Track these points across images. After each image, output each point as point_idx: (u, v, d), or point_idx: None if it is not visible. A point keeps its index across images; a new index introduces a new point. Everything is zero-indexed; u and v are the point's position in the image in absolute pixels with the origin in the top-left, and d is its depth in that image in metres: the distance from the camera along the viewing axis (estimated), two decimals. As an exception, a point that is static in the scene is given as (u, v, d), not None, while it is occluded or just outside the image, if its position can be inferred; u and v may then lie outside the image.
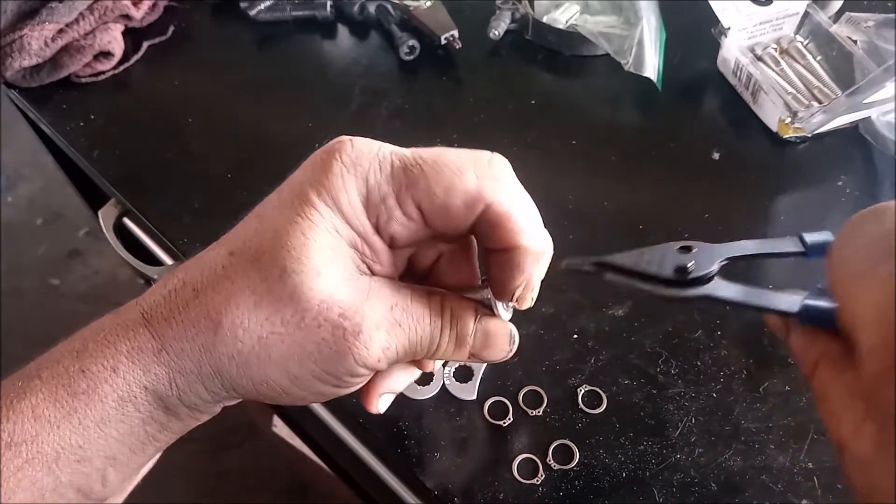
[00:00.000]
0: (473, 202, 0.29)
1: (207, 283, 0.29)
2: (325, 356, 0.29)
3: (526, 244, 0.30)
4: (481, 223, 0.30)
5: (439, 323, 0.32)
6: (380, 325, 0.29)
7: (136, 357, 0.29)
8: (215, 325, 0.28)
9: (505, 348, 0.34)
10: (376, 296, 0.30)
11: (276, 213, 0.30)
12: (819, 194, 0.60)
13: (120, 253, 0.65)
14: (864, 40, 0.63)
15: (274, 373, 0.29)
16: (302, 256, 0.28)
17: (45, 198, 1.84)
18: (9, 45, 0.65)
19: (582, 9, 0.73)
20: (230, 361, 0.29)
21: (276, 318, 0.28)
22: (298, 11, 0.75)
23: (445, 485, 0.44)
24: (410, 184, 0.29)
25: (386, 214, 0.29)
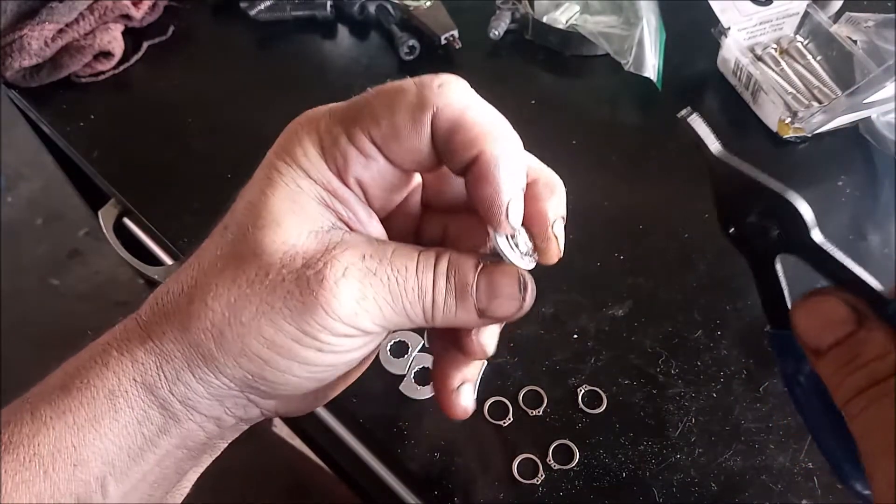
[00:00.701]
0: (419, 112, 0.27)
1: (186, 266, 0.30)
2: (293, 311, 0.27)
3: (490, 146, 0.27)
4: (439, 139, 0.28)
5: (430, 275, 0.29)
6: (349, 273, 0.27)
7: (125, 348, 0.29)
8: (189, 298, 0.28)
9: (515, 295, 0.30)
10: (347, 245, 0.28)
11: (246, 189, 0.30)
12: (819, 194, 0.60)
13: (120, 253, 0.65)
14: (864, 40, 0.63)
15: (249, 340, 0.28)
16: (262, 212, 0.28)
17: (45, 198, 1.84)
18: (9, 45, 0.65)
19: (582, 9, 0.73)
20: (206, 335, 0.28)
21: (242, 279, 0.28)
22: (298, 11, 0.75)
23: (445, 485, 0.44)
24: (356, 117, 0.28)
25: (342, 157, 0.28)
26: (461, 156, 0.28)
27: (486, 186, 0.28)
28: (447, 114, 0.27)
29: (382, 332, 0.30)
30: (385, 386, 0.49)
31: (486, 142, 0.27)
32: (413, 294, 0.29)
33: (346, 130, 0.28)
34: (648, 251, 0.56)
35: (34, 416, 0.28)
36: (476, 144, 0.27)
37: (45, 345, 1.63)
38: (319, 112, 0.30)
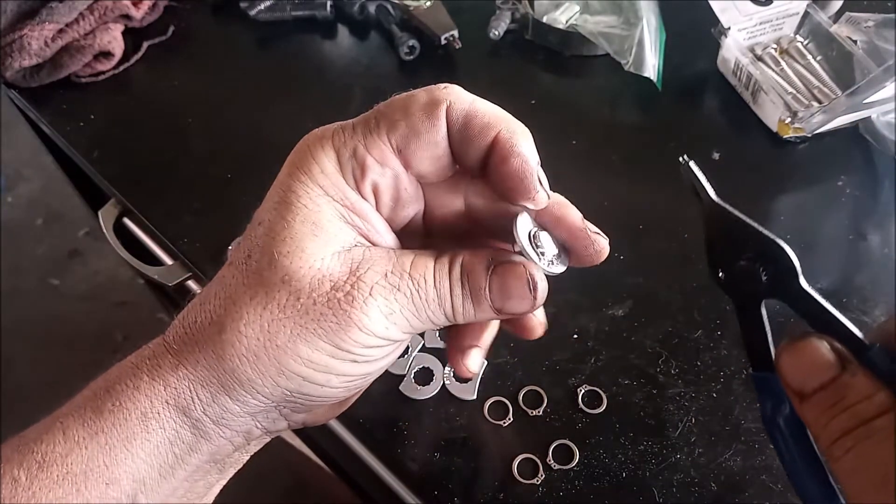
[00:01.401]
0: (433, 108, 0.29)
1: (211, 293, 0.30)
2: (329, 330, 0.28)
3: (505, 125, 0.29)
4: (455, 131, 0.30)
5: (447, 283, 0.30)
6: (375, 291, 0.29)
7: (156, 374, 0.29)
8: (220, 328, 0.29)
9: (525, 295, 0.31)
10: (369, 264, 0.29)
11: (263, 211, 0.31)
12: (819, 194, 0.60)
13: (120, 253, 0.65)
14: (864, 40, 0.63)
15: (287, 360, 0.29)
16: (286, 238, 0.29)
17: (45, 198, 1.84)
18: (9, 45, 0.65)
19: (582, 9, 0.73)
20: (242, 360, 0.29)
21: (273, 305, 0.29)
22: (298, 11, 0.75)
23: (445, 485, 0.44)
24: (372, 126, 0.30)
25: (359, 166, 0.29)
26: (479, 141, 0.30)
27: (512, 160, 0.29)
28: (458, 106, 0.29)
29: (408, 339, 0.32)
30: (385, 386, 0.49)
31: (500, 123, 0.30)
32: (434, 304, 0.30)
33: (363, 140, 0.30)
34: (648, 251, 0.56)
35: (66, 435, 0.29)
36: (492, 126, 0.29)
37: (45, 345, 1.63)
38: (331, 127, 0.31)
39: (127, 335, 1.59)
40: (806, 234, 0.57)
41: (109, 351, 1.56)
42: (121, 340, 1.58)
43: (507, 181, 0.30)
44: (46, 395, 1.50)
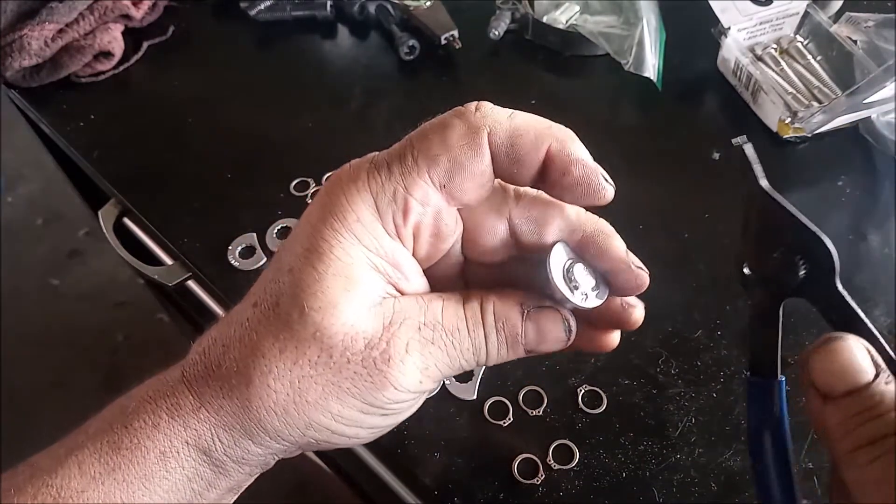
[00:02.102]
0: (475, 136, 0.28)
1: (235, 337, 0.29)
2: (362, 389, 0.28)
3: (554, 135, 0.28)
4: (502, 155, 0.28)
5: (481, 331, 0.30)
6: (410, 347, 0.28)
7: (176, 413, 0.29)
8: (247, 380, 0.28)
9: (561, 338, 0.31)
10: (402, 318, 0.29)
11: (290, 255, 0.29)
12: (819, 194, 0.60)
13: (120, 253, 0.65)
14: (864, 40, 0.63)
15: (316, 415, 0.28)
16: (317, 292, 0.28)
17: (45, 198, 1.84)
18: (9, 45, 0.65)
19: (582, 9, 0.73)
20: (269, 413, 0.28)
21: (304, 361, 0.28)
22: (298, 11, 0.75)
23: (445, 485, 0.44)
24: (410, 165, 0.28)
25: (401, 212, 0.28)
26: (531, 158, 0.28)
27: (573, 170, 0.29)
28: (500, 129, 0.28)
29: (438, 385, 0.33)
30: (385, 386, 0.49)
31: (547, 136, 0.28)
32: (469, 353, 0.30)
33: (402, 181, 0.28)
34: (648, 251, 0.56)
35: (82, 469, 0.28)
36: (540, 142, 0.28)
37: (45, 345, 1.63)
38: (364, 166, 0.29)
39: (127, 335, 1.59)
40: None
41: (109, 351, 1.56)
42: (121, 340, 1.58)
43: (573, 191, 0.29)
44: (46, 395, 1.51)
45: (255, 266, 0.55)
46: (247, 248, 0.57)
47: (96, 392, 1.50)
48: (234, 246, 0.56)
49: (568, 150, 0.29)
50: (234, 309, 0.31)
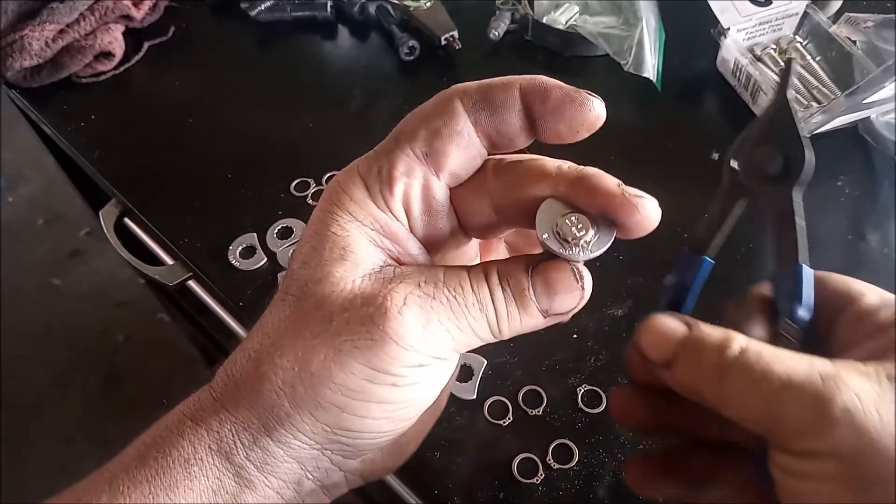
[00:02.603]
0: (446, 102, 0.29)
1: (250, 334, 0.30)
2: (363, 348, 0.27)
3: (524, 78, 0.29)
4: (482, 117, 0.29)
5: (485, 288, 0.29)
6: (409, 300, 0.27)
7: (199, 418, 0.29)
8: (257, 363, 0.28)
9: (573, 286, 0.29)
10: (402, 277, 0.28)
11: (299, 246, 0.30)
12: (818, 194, 0.60)
13: (120, 253, 0.65)
14: (864, 41, 0.63)
15: (322, 389, 0.27)
16: (316, 266, 0.28)
17: (45, 198, 1.84)
18: (9, 46, 0.65)
19: (581, 9, 0.73)
20: (279, 394, 0.28)
21: (307, 332, 0.28)
22: (298, 12, 0.75)
23: (445, 485, 0.44)
24: (392, 145, 0.29)
25: (386, 184, 0.29)
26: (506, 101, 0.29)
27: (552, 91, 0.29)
28: (470, 89, 0.29)
29: (454, 358, 0.30)
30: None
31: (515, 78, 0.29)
32: (475, 308, 0.28)
33: (386, 158, 0.29)
34: (648, 251, 0.56)
35: (112, 485, 0.28)
36: (510, 82, 0.29)
37: (45, 345, 1.63)
38: (356, 161, 0.30)
39: (127, 335, 1.59)
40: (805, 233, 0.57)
41: (109, 351, 1.56)
42: (121, 340, 1.58)
43: (561, 112, 0.29)
44: (46, 395, 1.52)
45: (255, 266, 0.56)
46: (247, 248, 0.57)
47: (96, 392, 1.50)
48: (234, 246, 0.57)
49: (540, 81, 0.29)
50: None
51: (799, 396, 0.25)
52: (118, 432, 1.61)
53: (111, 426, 1.44)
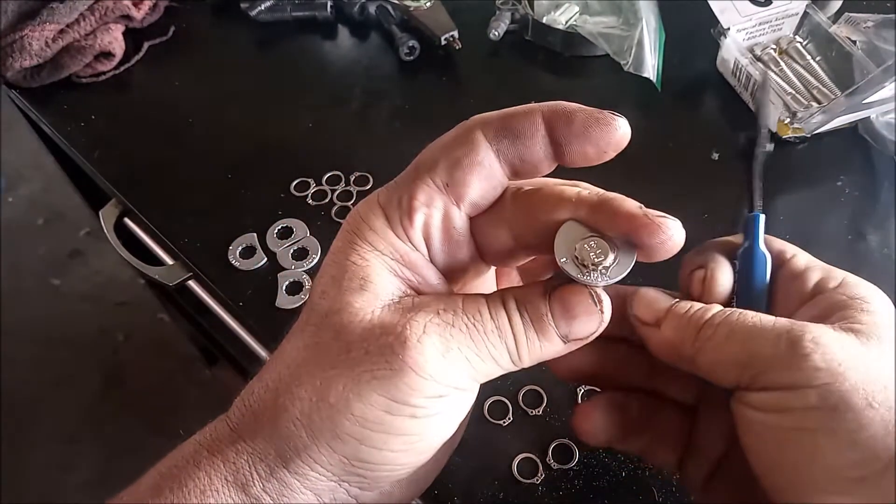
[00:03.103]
0: (467, 133, 0.29)
1: (270, 366, 0.29)
2: (382, 380, 0.26)
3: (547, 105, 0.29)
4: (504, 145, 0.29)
5: (503, 314, 0.29)
6: (428, 328, 0.27)
7: (216, 448, 0.28)
8: (275, 394, 0.28)
9: (592, 310, 0.29)
10: (420, 306, 0.28)
11: (320, 277, 0.30)
12: (818, 194, 0.60)
13: (120, 253, 0.65)
14: (864, 41, 0.63)
15: (340, 419, 0.27)
16: (336, 296, 0.28)
17: (45, 198, 1.84)
18: (9, 46, 0.65)
19: (581, 9, 0.73)
20: (296, 425, 0.27)
21: (325, 362, 0.27)
22: (298, 12, 0.75)
23: (445, 485, 0.44)
24: (413, 175, 0.29)
25: (406, 214, 0.29)
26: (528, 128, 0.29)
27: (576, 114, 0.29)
28: (491, 118, 0.29)
29: (474, 388, 0.30)
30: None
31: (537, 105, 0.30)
32: (494, 336, 0.28)
33: (407, 188, 0.29)
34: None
35: None
36: (531, 109, 0.30)
37: (45, 345, 1.63)
38: (375, 192, 0.30)
39: (127, 335, 1.59)
40: (805, 234, 0.57)
41: (109, 351, 1.56)
42: (121, 340, 1.58)
43: (587, 133, 0.29)
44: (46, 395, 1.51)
45: (255, 266, 0.56)
46: (247, 248, 0.57)
47: (96, 392, 1.50)
48: (234, 246, 0.57)
49: (563, 105, 0.29)
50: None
51: (772, 335, 0.28)
52: (118, 432, 1.62)
53: (111, 426, 1.45)
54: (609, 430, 0.35)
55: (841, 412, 0.26)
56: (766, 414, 0.28)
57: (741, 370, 0.28)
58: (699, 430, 0.35)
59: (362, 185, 0.61)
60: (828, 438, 0.26)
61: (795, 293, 0.32)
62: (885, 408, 0.26)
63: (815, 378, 0.26)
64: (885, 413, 0.25)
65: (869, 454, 0.25)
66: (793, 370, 0.27)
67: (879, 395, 0.26)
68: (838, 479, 0.26)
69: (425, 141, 0.30)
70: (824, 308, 0.30)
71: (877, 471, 0.25)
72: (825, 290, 0.31)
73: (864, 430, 0.25)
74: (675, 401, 0.36)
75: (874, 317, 0.29)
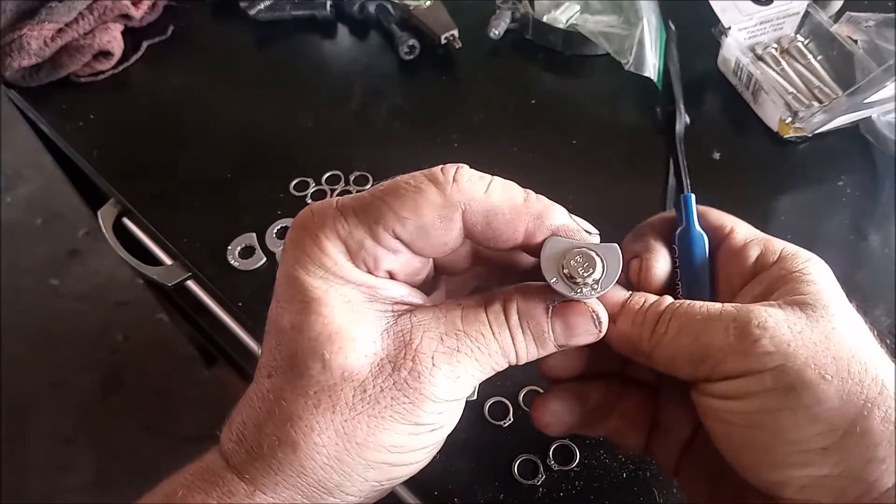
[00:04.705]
0: (447, 211, 0.28)
1: (263, 412, 0.29)
2: (403, 413, 0.28)
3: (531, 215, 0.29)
4: (476, 233, 0.29)
5: (506, 333, 0.30)
6: (437, 359, 0.28)
7: (230, 501, 0.28)
8: (293, 447, 0.28)
9: (590, 330, 0.31)
10: (421, 332, 0.29)
11: (285, 314, 0.29)
12: (819, 194, 0.60)
13: (119, 253, 0.65)
14: (865, 40, 0.63)
15: (370, 454, 0.28)
16: (330, 334, 0.28)
17: (44, 198, 1.84)
18: (8, 45, 0.65)
19: (582, 8, 0.73)
20: (325, 469, 0.28)
21: (342, 406, 0.27)
22: (298, 11, 0.75)
23: (446, 485, 0.44)
24: (376, 217, 0.28)
25: (372, 259, 0.28)
26: (508, 237, 0.29)
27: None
28: (475, 207, 0.28)
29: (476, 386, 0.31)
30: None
31: (523, 214, 0.29)
32: (498, 355, 0.30)
33: (369, 232, 0.28)
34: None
35: None
36: (517, 221, 0.29)
37: (43, 345, 1.63)
38: (328, 212, 0.29)
39: (127, 335, 1.59)
40: (806, 233, 0.57)
41: (109, 351, 1.56)
42: (121, 340, 1.58)
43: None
44: (46, 395, 1.51)
45: (254, 266, 0.55)
46: (246, 248, 0.56)
47: (96, 392, 1.50)
48: (233, 246, 0.56)
49: (546, 224, 0.29)
50: (249, 389, 0.30)
51: (720, 326, 0.28)
52: (117, 432, 1.62)
53: (110, 426, 1.44)
54: (568, 421, 0.36)
55: (797, 390, 0.27)
56: (728, 401, 0.29)
57: (697, 364, 0.29)
58: (663, 411, 0.35)
59: (362, 185, 0.60)
60: (788, 416, 0.27)
61: (737, 272, 0.33)
62: (837, 378, 0.27)
63: (768, 361, 0.27)
64: (839, 384, 0.27)
65: (828, 426, 0.26)
66: (746, 357, 0.28)
67: (830, 368, 0.27)
68: (803, 452, 0.27)
69: (425, 141, 0.30)
70: (767, 285, 0.31)
71: (837, 440, 0.26)
72: (766, 267, 0.32)
73: (821, 404, 0.27)
74: (640, 381, 0.36)
75: (813, 286, 0.30)
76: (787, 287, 0.30)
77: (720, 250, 0.34)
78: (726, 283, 0.33)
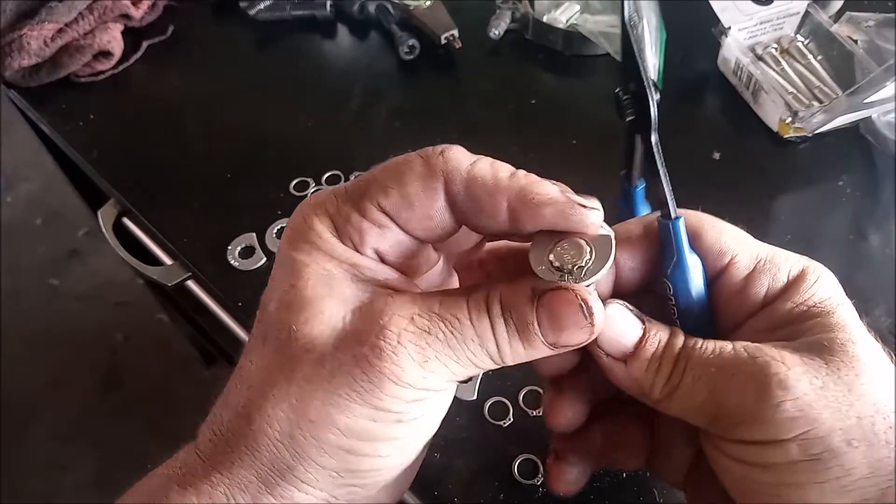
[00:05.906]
0: (430, 180, 0.27)
1: (231, 386, 0.28)
2: (360, 391, 0.26)
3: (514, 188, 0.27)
4: (459, 203, 0.27)
5: (485, 321, 0.27)
6: (402, 338, 0.26)
7: (188, 482, 0.27)
8: (247, 419, 0.26)
9: (581, 323, 0.27)
10: (392, 311, 0.27)
11: (271, 289, 0.29)
12: (819, 194, 0.60)
13: (119, 253, 0.65)
14: (865, 40, 0.63)
15: (324, 434, 0.26)
16: (300, 307, 0.27)
17: (44, 198, 1.84)
18: (8, 45, 0.65)
19: (582, 8, 0.73)
20: (277, 447, 0.26)
21: (299, 377, 0.26)
22: (298, 11, 0.75)
23: (446, 485, 0.44)
24: (364, 192, 0.28)
25: (356, 232, 0.28)
26: (491, 207, 0.27)
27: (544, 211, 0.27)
28: (457, 176, 0.27)
29: (454, 385, 0.29)
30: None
31: (505, 186, 0.27)
32: (474, 344, 0.27)
33: (355, 206, 0.28)
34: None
35: None
36: (498, 190, 0.27)
37: (43, 345, 1.63)
38: (323, 195, 0.29)
39: (127, 335, 1.59)
40: (806, 234, 0.57)
41: (109, 351, 1.56)
42: (121, 340, 1.58)
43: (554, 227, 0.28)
44: (45, 396, 1.51)
45: (254, 266, 0.55)
46: (246, 248, 0.56)
47: (96, 392, 1.50)
48: (233, 246, 0.56)
49: (530, 195, 0.27)
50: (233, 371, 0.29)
51: (736, 380, 0.26)
52: (116, 432, 1.62)
53: (110, 426, 1.44)
54: (582, 481, 0.34)
55: (825, 461, 0.25)
56: (745, 466, 0.27)
57: (711, 420, 0.27)
58: (664, 437, 0.34)
59: (362, 185, 0.60)
60: (816, 491, 0.25)
61: (741, 307, 0.30)
62: (864, 443, 0.25)
63: (792, 429, 0.25)
64: (866, 450, 0.25)
65: (859, 497, 0.25)
66: (766, 424, 0.25)
67: (855, 431, 0.25)
68: None
69: (425, 141, 0.30)
70: (776, 321, 0.28)
71: None
72: (773, 298, 0.29)
73: (850, 476, 0.25)
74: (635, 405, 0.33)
75: (828, 319, 0.27)
76: (801, 327, 0.27)
77: (720, 282, 0.30)
78: (729, 317, 0.31)
